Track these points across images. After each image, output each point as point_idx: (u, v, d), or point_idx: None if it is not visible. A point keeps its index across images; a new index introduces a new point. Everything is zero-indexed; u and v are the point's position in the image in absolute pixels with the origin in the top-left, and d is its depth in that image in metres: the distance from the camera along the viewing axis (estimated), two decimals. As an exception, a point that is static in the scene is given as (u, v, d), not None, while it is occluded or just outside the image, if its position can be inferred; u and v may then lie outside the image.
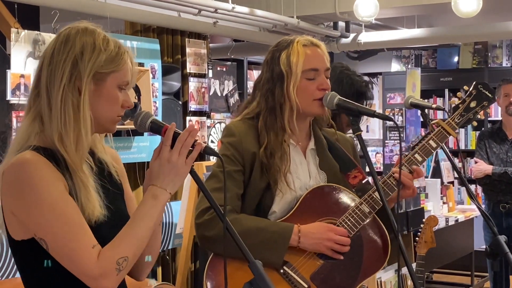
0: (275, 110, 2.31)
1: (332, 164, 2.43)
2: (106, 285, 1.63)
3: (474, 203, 2.46)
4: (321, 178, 2.40)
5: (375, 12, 5.60)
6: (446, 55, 8.49)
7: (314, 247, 2.26)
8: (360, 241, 2.33)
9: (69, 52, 1.69)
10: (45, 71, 1.71)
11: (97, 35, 1.72)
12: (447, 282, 6.98)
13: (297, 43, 2.35)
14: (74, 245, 1.61)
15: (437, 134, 2.43)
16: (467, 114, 2.48)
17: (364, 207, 2.32)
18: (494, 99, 2.52)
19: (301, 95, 2.30)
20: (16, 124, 4.03)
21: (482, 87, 2.50)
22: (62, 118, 1.66)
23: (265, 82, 2.34)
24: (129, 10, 4.78)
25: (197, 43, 5.53)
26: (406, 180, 2.33)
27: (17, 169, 1.63)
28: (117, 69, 1.72)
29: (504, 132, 5.22)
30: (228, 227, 1.70)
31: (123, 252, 1.64)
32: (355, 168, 2.42)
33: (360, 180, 2.41)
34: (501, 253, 2.39)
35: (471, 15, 5.27)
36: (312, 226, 2.28)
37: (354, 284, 2.32)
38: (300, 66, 2.30)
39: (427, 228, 3.69)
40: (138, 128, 1.76)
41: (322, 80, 2.33)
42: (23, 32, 4.08)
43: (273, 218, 2.31)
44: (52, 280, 1.70)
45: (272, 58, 2.35)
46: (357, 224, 2.31)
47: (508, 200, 5.09)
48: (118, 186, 1.84)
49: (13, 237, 1.69)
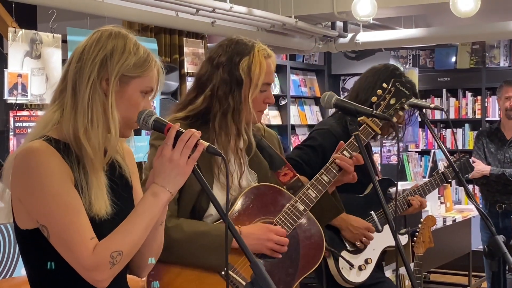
0: (232, 114, 2.29)
1: (261, 162, 2.42)
2: (98, 278, 1.65)
3: (472, 203, 2.47)
4: (252, 178, 2.39)
5: (373, 12, 5.60)
6: (444, 55, 8.49)
7: (255, 247, 2.26)
8: (296, 239, 2.35)
9: (100, 51, 1.73)
10: (73, 66, 1.74)
11: (129, 40, 1.77)
12: (445, 282, 6.98)
13: (258, 52, 2.31)
14: (72, 235, 1.64)
15: (362, 131, 2.47)
16: (388, 111, 2.51)
17: (299, 205, 2.34)
18: (410, 95, 2.55)
19: (252, 105, 2.31)
20: (14, 124, 4.03)
21: (399, 84, 2.53)
22: (89, 114, 1.70)
23: (221, 83, 2.29)
24: (126, 9, 4.77)
25: (195, 43, 5.53)
26: (347, 165, 2.39)
27: (25, 157, 1.67)
28: (143, 75, 1.76)
29: (502, 132, 5.22)
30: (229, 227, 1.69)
31: (118, 246, 1.65)
32: (285, 165, 2.43)
33: (290, 178, 2.42)
34: (499, 253, 2.39)
35: (470, 15, 5.26)
36: (252, 227, 2.29)
37: (293, 281, 2.35)
38: (262, 79, 2.29)
39: (425, 228, 3.68)
40: (141, 126, 1.76)
41: (270, 95, 2.36)
42: (21, 32, 4.07)
43: (210, 220, 2.29)
44: (55, 281, 1.71)
45: (231, 62, 2.30)
46: (293, 222, 2.33)
47: (504, 200, 5.09)
48: (128, 183, 1.86)
49: (19, 225, 1.72)
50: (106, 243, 1.66)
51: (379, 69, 3.16)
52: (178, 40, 5.45)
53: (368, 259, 3.13)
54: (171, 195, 1.71)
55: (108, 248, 1.65)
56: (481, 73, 8.17)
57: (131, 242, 1.67)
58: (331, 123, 3.12)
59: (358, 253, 3.11)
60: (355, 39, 6.75)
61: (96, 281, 1.66)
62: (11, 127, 4.02)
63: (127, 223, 1.69)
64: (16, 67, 4.05)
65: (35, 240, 1.70)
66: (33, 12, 5.11)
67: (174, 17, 5.23)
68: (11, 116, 4.05)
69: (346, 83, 8.84)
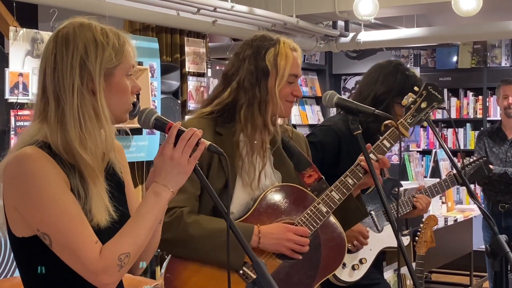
0: (257, 106, 2.28)
1: (287, 163, 2.41)
2: (106, 281, 1.62)
3: (474, 202, 2.46)
4: (276, 178, 2.38)
5: (375, 11, 5.59)
6: (445, 55, 8.48)
7: (274, 247, 2.26)
8: (318, 241, 2.33)
9: (73, 54, 1.67)
10: (50, 78, 1.67)
11: (95, 29, 1.70)
12: (446, 282, 6.98)
13: (283, 44, 2.32)
14: (77, 240, 1.60)
15: (390, 134, 2.45)
16: (418, 115, 2.52)
17: (321, 207, 2.33)
18: (442, 100, 2.57)
19: (279, 96, 2.30)
20: (15, 123, 4.02)
21: (431, 88, 2.52)
22: (81, 123, 1.64)
23: (247, 74, 2.29)
24: (128, 9, 4.77)
25: (196, 42, 5.52)
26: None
27: (18, 164, 1.62)
28: (122, 60, 1.71)
29: (504, 132, 5.21)
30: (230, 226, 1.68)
31: (125, 248, 1.63)
32: (310, 167, 2.41)
33: (315, 179, 2.41)
34: (502, 252, 2.38)
35: (472, 14, 5.25)
36: (272, 227, 2.28)
37: (313, 283, 2.34)
38: (288, 70, 2.29)
39: (426, 228, 3.68)
40: (142, 125, 1.75)
41: (298, 87, 2.35)
42: (22, 31, 4.07)
43: (232, 219, 2.28)
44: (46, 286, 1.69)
45: (257, 53, 2.30)
46: (315, 224, 2.31)
47: (507, 200, 5.08)
48: (120, 182, 1.83)
49: (14, 234, 1.68)
50: (112, 246, 1.63)
51: (382, 64, 3.16)
52: (179, 40, 5.44)
53: (362, 259, 3.11)
54: (172, 194, 1.70)
55: (115, 251, 1.62)
56: (482, 73, 8.16)
57: (138, 243, 1.65)
58: (335, 120, 3.11)
59: (353, 252, 3.10)
60: (356, 39, 6.74)
61: (104, 284, 1.63)
62: (12, 126, 4.01)
63: (132, 224, 1.66)
64: (17, 66, 4.04)
65: (30, 247, 1.66)
66: (34, 11, 5.11)
67: (175, 16, 5.22)
68: (12, 115, 4.04)
69: (347, 83, 8.83)
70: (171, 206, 2.18)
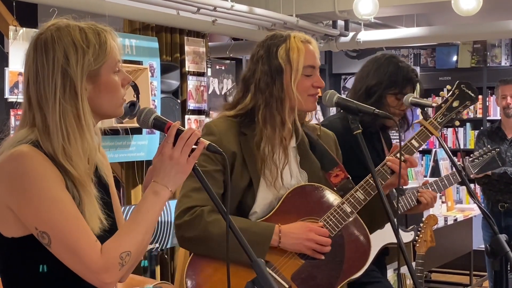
0: (275, 104, 2.28)
1: (313, 162, 2.40)
2: (108, 280, 1.61)
3: (474, 201, 2.45)
4: (302, 177, 2.37)
5: (375, 10, 5.59)
6: (445, 54, 8.48)
7: (294, 247, 2.25)
8: (341, 241, 2.32)
9: (54, 62, 1.63)
10: (33, 88, 1.65)
11: (73, 30, 1.66)
12: (446, 282, 6.98)
13: (294, 38, 2.33)
14: (77, 238, 1.59)
15: (419, 134, 2.43)
16: (449, 114, 2.48)
17: (346, 207, 2.31)
18: (476, 99, 2.52)
19: (298, 90, 2.29)
20: (15, 122, 4.02)
21: (465, 87, 2.50)
22: (64, 132, 1.62)
23: (262, 75, 2.29)
24: (127, 8, 4.76)
25: (196, 42, 5.52)
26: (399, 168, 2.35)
27: (14, 162, 1.59)
28: (106, 58, 1.68)
29: (503, 131, 5.21)
30: (230, 225, 1.68)
31: (126, 247, 1.62)
32: (337, 166, 2.40)
33: (341, 179, 2.39)
34: (502, 251, 2.38)
35: (472, 13, 5.25)
36: (292, 226, 2.27)
37: (336, 284, 2.31)
38: (301, 62, 2.28)
39: (427, 227, 3.67)
40: (141, 125, 1.74)
41: (318, 78, 2.33)
42: (21, 30, 4.06)
43: (254, 218, 2.29)
44: (46, 286, 1.67)
45: (269, 52, 2.31)
46: (339, 224, 2.30)
47: (506, 199, 5.08)
48: (107, 186, 1.81)
49: (3, 234, 1.65)
50: (113, 244, 1.62)
51: (375, 58, 3.17)
52: (179, 39, 5.44)
53: None
54: (171, 193, 1.70)
55: (116, 250, 1.61)
56: (482, 72, 8.16)
57: (138, 241, 1.65)
58: (332, 119, 3.11)
59: None
60: (356, 38, 6.73)
61: (105, 283, 1.62)
62: (12, 125, 4.01)
63: (132, 222, 1.66)
64: (17, 66, 4.04)
65: (24, 248, 1.63)
66: (34, 10, 5.10)
67: (175, 15, 5.22)
68: (12, 114, 4.04)
69: (347, 82, 8.82)
70: (192, 205, 2.21)
